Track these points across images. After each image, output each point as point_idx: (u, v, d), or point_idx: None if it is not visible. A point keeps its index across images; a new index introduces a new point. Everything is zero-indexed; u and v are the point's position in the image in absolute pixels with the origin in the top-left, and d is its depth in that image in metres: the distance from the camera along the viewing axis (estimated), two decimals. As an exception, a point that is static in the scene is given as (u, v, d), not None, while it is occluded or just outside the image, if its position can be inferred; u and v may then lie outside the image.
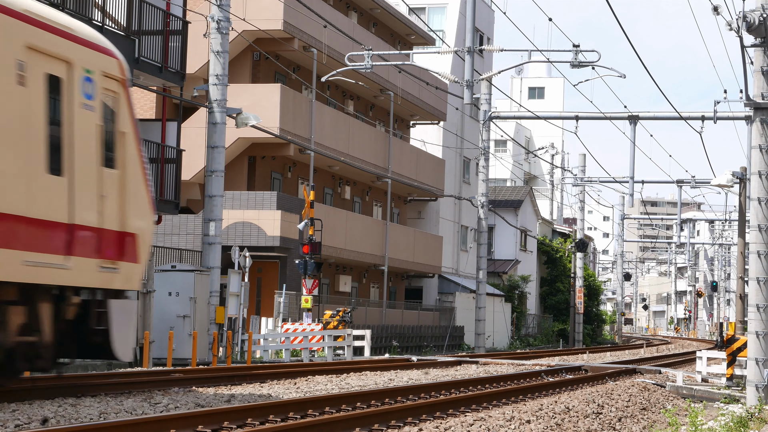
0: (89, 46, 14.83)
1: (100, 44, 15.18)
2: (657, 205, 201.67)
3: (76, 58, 14.41)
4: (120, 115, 15.32)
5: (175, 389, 17.42)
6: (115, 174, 15.14)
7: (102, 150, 14.86)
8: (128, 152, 15.44)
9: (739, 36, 19.69)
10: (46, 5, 13.73)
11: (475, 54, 34.06)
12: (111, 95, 15.18)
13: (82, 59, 14.57)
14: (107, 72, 15.10)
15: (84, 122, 14.50)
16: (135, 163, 15.60)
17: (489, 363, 31.31)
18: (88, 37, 14.92)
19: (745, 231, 28.53)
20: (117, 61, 15.44)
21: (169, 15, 29.21)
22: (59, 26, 14.29)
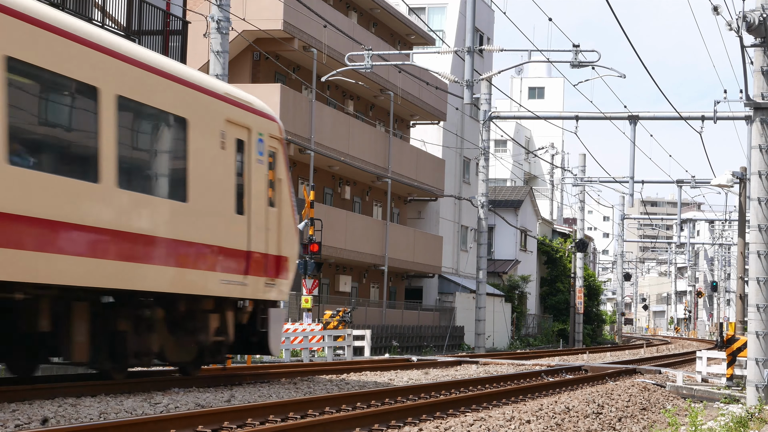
0: (260, 115, 19.19)
1: (266, 112, 19.54)
2: (657, 205, 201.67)
3: (253, 125, 18.81)
4: (278, 165, 19.63)
5: (175, 389, 17.42)
6: (274, 211, 19.42)
7: (267, 193, 19.17)
8: (283, 194, 19.73)
9: (739, 36, 19.70)
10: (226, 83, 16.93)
11: (475, 54, 34.06)
12: (273, 150, 19.50)
13: (256, 125, 18.93)
14: (271, 133, 19.48)
15: (257, 173, 18.85)
16: (288, 202, 19.89)
17: (489, 363, 31.31)
18: (259, 107, 19.30)
19: (745, 231, 28.54)
20: (277, 125, 19.81)
21: (169, 15, 29.21)
22: (243, 102, 18.70)
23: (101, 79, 15.04)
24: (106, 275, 15.10)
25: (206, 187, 17.40)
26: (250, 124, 18.76)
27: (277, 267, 19.43)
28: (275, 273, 19.35)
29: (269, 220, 19.15)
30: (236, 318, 18.98)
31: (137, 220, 15.72)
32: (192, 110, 17.09)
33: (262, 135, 19.10)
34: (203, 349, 18.40)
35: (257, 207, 18.76)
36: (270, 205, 19.24)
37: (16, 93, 13.68)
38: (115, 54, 15.43)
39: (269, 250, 19.14)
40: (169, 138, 16.86)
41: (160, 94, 16.27)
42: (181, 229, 16.79)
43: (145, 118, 16.23)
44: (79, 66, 14.69)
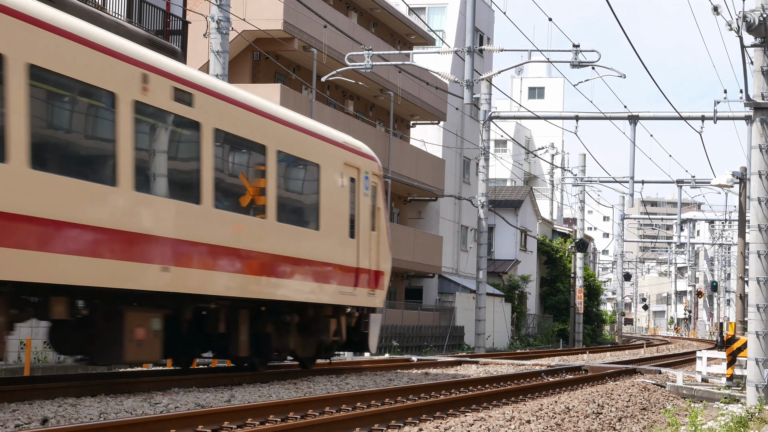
0: (366, 156, 23.46)
1: (370, 154, 23.83)
2: (657, 205, 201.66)
3: (361, 165, 23.10)
4: (378, 197, 23.88)
5: (175, 389, 17.42)
6: (375, 234, 23.71)
7: (370, 220, 23.45)
8: (381, 220, 23.99)
9: (739, 36, 19.70)
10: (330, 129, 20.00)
11: (475, 54, 34.05)
12: (374, 185, 23.69)
13: (363, 165, 23.22)
14: (373, 171, 23.80)
15: (364, 204, 23.14)
16: (384, 227, 24.14)
17: (489, 363, 31.31)
18: (365, 151, 23.59)
19: (745, 231, 28.54)
20: (377, 164, 24.09)
21: (169, 15, 29.23)
22: (354, 147, 23.06)
23: (266, 137, 19.51)
24: (268, 290, 19.36)
25: (331, 218, 21.71)
26: (359, 164, 23.10)
27: (376, 280, 23.82)
28: (375, 285, 23.77)
29: (371, 242, 23.57)
30: (347, 322, 23.28)
31: (290, 247, 20.07)
32: (323, 158, 21.43)
33: (367, 173, 23.48)
34: (321, 347, 22.71)
35: (364, 231, 23.20)
36: (372, 229, 23.66)
37: (218, 152, 17.91)
38: (281, 121, 20.07)
39: (371, 266, 23.55)
40: (309, 181, 21.12)
41: (308, 149, 20.90)
42: (316, 252, 21.08)
43: (295, 167, 20.68)
44: (253, 129, 19.01)
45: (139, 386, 17.03)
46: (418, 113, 53.47)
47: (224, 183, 18.05)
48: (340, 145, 22.33)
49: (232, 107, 18.26)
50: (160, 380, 17.75)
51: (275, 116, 19.78)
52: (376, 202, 23.79)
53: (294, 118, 20.73)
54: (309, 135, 21.02)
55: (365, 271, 23.16)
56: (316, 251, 21.06)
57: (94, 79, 14.75)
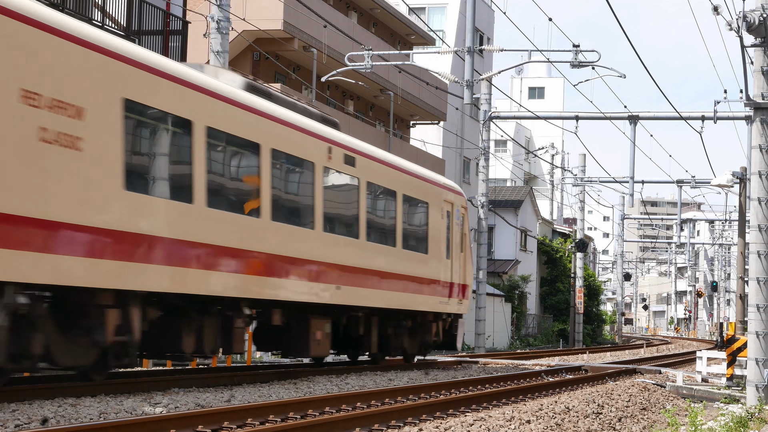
0: (456, 192, 28.73)
1: (459, 191, 29.17)
2: (657, 205, 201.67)
3: (453, 200, 28.32)
4: (465, 225, 29.09)
5: (175, 389, 17.42)
6: (462, 255, 28.90)
7: (460, 244, 28.64)
8: (466, 243, 29.26)
9: (739, 36, 19.70)
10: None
11: (475, 54, 34.05)
12: (462, 215, 28.94)
13: (455, 200, 28.42)
14: (462, 204, 29.03)
15: (455, 231, 28.34)
16: (468, 248, 29.42)
17: (489, 363, 31.31)
18: (456, 188, 28.95)
19: (745, 231, 28.54)
20: (464, 198, 29.30)
21: (169, 15, 29.21)
22: (449, 186, 28.32)
23: (397, 185, 24.92)
24: (395, 301, 24.66)
25: (435, 243, 26.97)
26: (453, 200, 28.31)
27: (463, 292, 28.98)
28: (462, 296, 28.92)
29: (460, 261, 28.76)
30: (442, 325, 28.37)
31: (411, 268, 25.52)
32: (430, 197, 26.84)
33: (457, 206, 28.62)
34: (423, 346, 27.50)
35: (455, 253, 28.39)
36: (460, 251, 28.85)
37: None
38: (406, 172, 25.49)
39: (460, 281, 28.69)
40: (422, 215, 26.45)
41: (421, 192, 26.35)
42: (426, 271, 26.38)
43: (414, 206, 26.00)
44: (390, 179, 24.54)
45: (139, 386, 17.03)
46: (418, 113, 53.45)
47: (375, 222, 23.86)
48: (441, 185, 27.84)
49: (377, 164, 23.96)
50: (160, 380, 17.75)
51: (403, 169, 25.54)
52: (464, 229, 29.25)
53: (414, 169, 26.48)
54: (422, 180, 26.53)
55: (456, 285, 28.53)
56: (426, 270, 26.54)
57: (302, 152, 20.47)
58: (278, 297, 19.46)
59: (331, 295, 21.45)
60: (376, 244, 23.65)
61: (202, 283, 17.02)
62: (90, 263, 14.49)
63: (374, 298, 23.47)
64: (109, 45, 15.10)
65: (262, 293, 18.85)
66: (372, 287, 23.36)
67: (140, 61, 15.69)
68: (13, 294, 13.53)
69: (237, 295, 18.22)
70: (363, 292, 22.93)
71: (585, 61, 34.82)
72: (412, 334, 26.79)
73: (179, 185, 16.52)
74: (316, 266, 20.83)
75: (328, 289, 21.33)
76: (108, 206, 14.90)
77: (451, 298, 27.96)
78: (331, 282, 21.47)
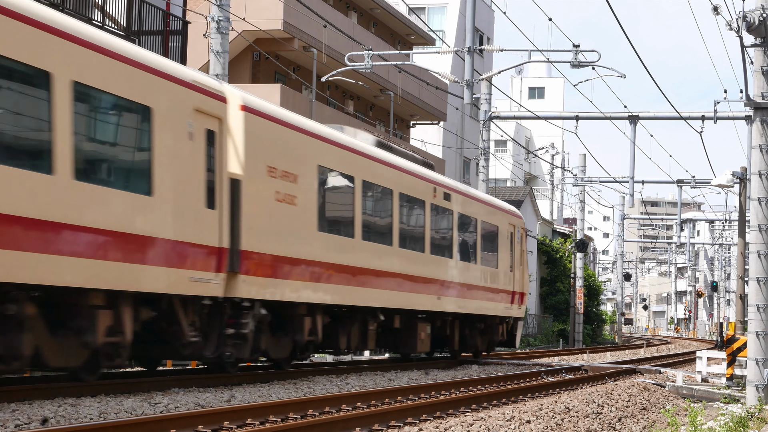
0: (517, 216, 34.10)
1: (519, 214, 34.57)
2: (657, 205, 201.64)
3: (516, 223, 33.81)
4: (523, 242, 34.45)
5: (175, 389, 17.42)
6: (521, 268, 34.20)
7: (520, 259, 34.04)
8: (524, 258, 34.68)
9: (739, 36, 19.69)
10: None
11: (475, 54, 34.05)
12: (522, 235, 34.26)
13: (516, 222, 33.89)
14: (521, 225, 34.30)
15: (517, 248, 33.82)
16: (526, 262, 34.94)
17: (489, 363, 31.32)
18: (516, 212, 34.36)
19: (745, 231, 28.54)
20: (522, 220, 34.63)
21: (169, 15, 29.22)
22: (513, 212, 33.88)
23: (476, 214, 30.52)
24: (474, 307, 29.97)
25: (503, 259, 32.59)
26: (515, 222, 33.84)
27: (521, 299, 34.41)
28: (521, 302, 34.34)
29: (520, 273, 34.05)
30: (506, 327, 33.47)
31: (487, 280, 31.08)
32: (500, 222, 32.47)
33: (518, 227, 34.12)
34: (491, 344, 32.59)
35: (517, 266, 33.74)
36: (520, 264, 34.14)
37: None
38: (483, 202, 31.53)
39: (519, 290, 34.00)
40: (494, 237, 31.86)
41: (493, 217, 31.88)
42: (497, 283, 31.95)
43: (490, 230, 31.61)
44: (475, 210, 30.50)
45: (139, 386, 17.03)
46: (418, 113, 53.44)
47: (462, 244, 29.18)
48: (507, 211, 33.48)
49: (464, 197, 29.57)
50: (160, 380, 17.74)
51: (481, 200, 31.28)
52: (522, 246, 34.54)
53: (488, 199, 32.26)
54: (494, 208, 32.16)
55: (517, 293, 33.82)
56: (496, 282, 31.89)
57: (418, 193, 26.07)
58: (411, 306, 25.81)
59: (433, 303, 27.07)
60: (463, 261, 29.25)
61: (372, 297, 23.60)
62: (300, 285, 20.42)
63: (461, 305, 29.11)
64: (313, 128, 21.08)
65: (408, 304, 25.66)
66: (460, 297, 28.98)
67: (328, 137, 21.66)
68: (259, 308, 19.19)
69: (392, 306, 24.79)
70: (455, 301, 28.58)
71: (585, 61, 34.82)
72: (483, 334, 32.02)
73: (347, 226, 22.51)
74: (425, 282, 26.53)
75: (431, 299, 26.97)
76: (306, 245, 20.52)
77: (513, 304, 33.63)
78: (434, 294, 27.10)
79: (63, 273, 14.21)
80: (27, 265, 13.63)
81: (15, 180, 13.47)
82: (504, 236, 32.71)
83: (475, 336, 31.33)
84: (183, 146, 16.84)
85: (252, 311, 18.86)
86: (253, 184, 18.59)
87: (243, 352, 18.86)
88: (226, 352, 18.47)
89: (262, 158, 18.86)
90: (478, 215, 30.46)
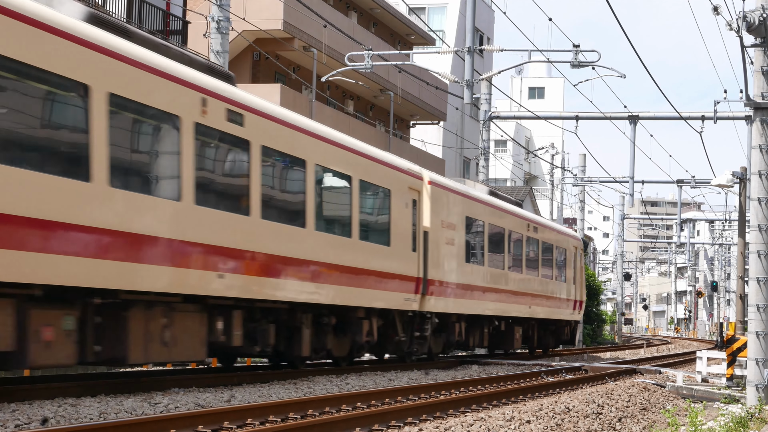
0: (577, 238, 41.74)
1: (578, 236, 40.86)
2: (657, 205, 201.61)
3: (577, 245, 41.61)
4: (580, 260, 41.38)
5: (175, 389, 17.42)
6: (579, 280, 41.45)
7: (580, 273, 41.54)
8: (582, 272, 41.80)
9: (739, 36, 19.68)
10: None
11: (475, 54, 34.05)
12: (580, 253, 41.49)
13: (577, 244, 41.29)
14: (580, 246, 41.65)
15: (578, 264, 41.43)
16: (582, 274, 42.11)
17: (489, 363, 31.31)
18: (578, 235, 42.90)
19: (745, 231, 28.53)
20: (580, 241, 42.20)
21: (169, 15, 29.23)
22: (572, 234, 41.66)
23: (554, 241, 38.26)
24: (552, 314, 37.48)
25: (569, 274, 40.09)
26: (576, 244, 41.43)
27: (581, 305, 42.33)
28: (580, 308, 42.21)
29: (579, 284, 41.45)
30: (570, 328, 41.08)
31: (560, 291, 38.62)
32: (567, 244, 39.87)
33: (579, 248, 41.84)
34: (558, 342, 40.47)
35: (578, 279, 41.32)
36: (579, 277, 41.45)
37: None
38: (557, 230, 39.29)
39: (579, 298, 41.51)
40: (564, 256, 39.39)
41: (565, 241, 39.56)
42: (565, 293, 39.36)
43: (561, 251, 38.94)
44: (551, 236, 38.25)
45: (139, 386, 17.04)
46: (418, 113, 53.42)
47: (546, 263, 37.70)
48: (572, 236, 41.21)
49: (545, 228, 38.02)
50: (160, 380, 17.75)
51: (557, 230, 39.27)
52: (580, 262, 42.15)
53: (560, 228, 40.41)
54: (562, 235, 39.65)
55: (578, 301, 41.53)
56: (565, 293, 39.56)
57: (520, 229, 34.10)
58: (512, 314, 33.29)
59: (526, 311, 34.37)
60: (545, 279, 36.80)
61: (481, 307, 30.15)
62: (451, 302, 27.92)
63: (545, 312, 36.23)
64: (462, 190, 28.84)
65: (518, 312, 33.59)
66: (543, 306, 36.53)
67: (470, 195, 29.28)
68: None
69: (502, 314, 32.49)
70: (540, 309, 35.63)
71: (585, 61, 34.81)
72: (553, 334, 39.88)
73: (481, 257, 30.32)
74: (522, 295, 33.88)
75: (525, 308, 34.18)
76: (459, 272, 28.29)
77: (575, 310, 41.62)
78: (526, 304, 34.23)
79: (345, 297, 22.01)
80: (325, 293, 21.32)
81: (279, 231, 19.37)
82: (570, 256, 40.78)
83: (548, 336, 39.48)
84: (403, 212, 24.92)
85: (431, 320, 26.91)
86: (434, 233, 26.58)
87: (423, 348, 27.20)
88: (414, 348, 26.50)
89: (438, 215, 26.87)
90: (553, 241, 38.28)
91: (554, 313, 38.14)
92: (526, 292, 34.54)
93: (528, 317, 35.19)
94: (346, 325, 23.02)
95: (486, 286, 30.83)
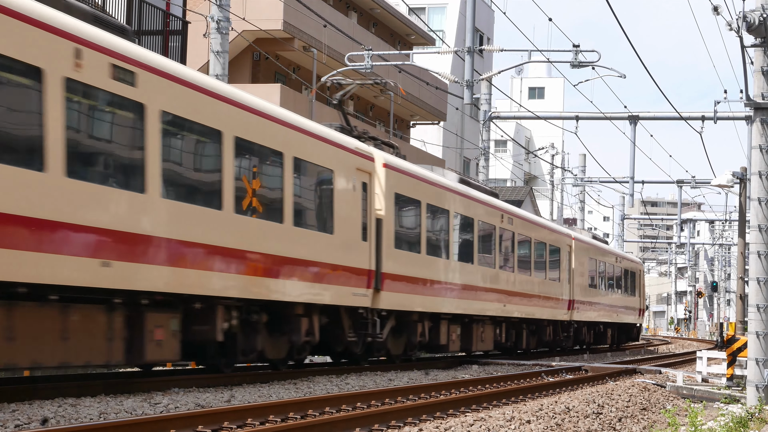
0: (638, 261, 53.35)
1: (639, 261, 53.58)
2: (657, 205, 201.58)
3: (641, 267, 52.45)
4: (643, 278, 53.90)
5: (175, 389, 17.42)
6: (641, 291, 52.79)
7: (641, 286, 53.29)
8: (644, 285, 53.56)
9: (739, 36, 19.68)
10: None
11: (475, 54, 34.05)
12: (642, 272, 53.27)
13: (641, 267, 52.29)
14: (641, 269, 53.65)
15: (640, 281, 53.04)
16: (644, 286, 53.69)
17: (489, 363, 31.31)
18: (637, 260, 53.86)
19: (745, 231, 28.53)
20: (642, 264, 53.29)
21: (169, 15, 29.22)
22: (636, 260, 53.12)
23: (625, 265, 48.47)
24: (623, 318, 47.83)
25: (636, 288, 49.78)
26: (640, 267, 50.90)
27: (642, 311, 51.09)
28: (642, 314, 51.40)
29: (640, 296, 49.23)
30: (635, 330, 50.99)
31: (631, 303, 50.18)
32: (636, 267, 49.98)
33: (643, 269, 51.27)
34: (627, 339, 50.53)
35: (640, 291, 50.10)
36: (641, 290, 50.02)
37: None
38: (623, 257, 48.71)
39: (642, 307, 50.83)
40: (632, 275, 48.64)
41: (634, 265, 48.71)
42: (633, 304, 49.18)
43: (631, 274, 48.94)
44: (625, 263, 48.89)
45: (139, 386, 17.03)
46: (418, 113, 53.42)
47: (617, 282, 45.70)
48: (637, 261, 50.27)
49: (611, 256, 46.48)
50: (160, 380, 17.74)
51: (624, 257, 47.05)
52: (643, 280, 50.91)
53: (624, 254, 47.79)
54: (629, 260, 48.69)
55: (642, 309, 50.32)
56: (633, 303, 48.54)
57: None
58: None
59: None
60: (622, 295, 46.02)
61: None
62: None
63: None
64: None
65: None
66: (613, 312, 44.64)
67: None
68: None
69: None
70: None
71: (585, 61, 34.83)
72: (622, 334, 48.59)
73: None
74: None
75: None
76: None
77: (640, 315, 51.28)
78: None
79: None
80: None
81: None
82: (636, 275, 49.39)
83: (622, 335, 48.98)
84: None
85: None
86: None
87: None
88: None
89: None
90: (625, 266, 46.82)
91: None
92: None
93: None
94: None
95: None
